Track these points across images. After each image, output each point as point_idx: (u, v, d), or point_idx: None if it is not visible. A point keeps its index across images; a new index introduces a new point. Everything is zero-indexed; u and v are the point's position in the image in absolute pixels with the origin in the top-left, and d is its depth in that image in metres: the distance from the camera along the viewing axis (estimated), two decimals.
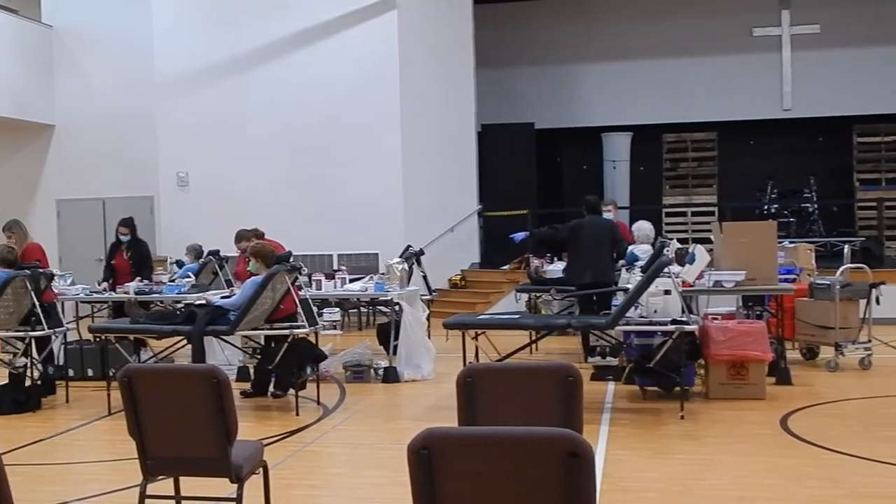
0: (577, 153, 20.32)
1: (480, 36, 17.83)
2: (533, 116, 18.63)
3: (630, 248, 10.32)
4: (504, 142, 17.96)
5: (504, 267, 16.48)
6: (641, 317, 8.03)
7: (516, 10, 19.57)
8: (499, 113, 18.65)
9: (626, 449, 6.90)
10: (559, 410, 3.97)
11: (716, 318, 9.23)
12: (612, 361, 9.24)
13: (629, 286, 9.06)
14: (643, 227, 11.38)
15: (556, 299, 11.87)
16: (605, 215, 11.66)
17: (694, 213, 19.17)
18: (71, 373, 9.94)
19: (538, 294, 12.85)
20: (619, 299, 8.55)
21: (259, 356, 9.19)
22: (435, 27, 16.98)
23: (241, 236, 10.56)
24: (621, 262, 10.01)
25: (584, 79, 19.74)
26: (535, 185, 17.98)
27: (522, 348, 8.55)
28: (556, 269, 12.35)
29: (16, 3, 19.31)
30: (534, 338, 9.19)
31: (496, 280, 16.43)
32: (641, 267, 9.32)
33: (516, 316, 9.30)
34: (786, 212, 17.80)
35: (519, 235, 11.18)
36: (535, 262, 13.23)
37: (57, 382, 9.49)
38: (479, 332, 8.25)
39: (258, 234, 10.38)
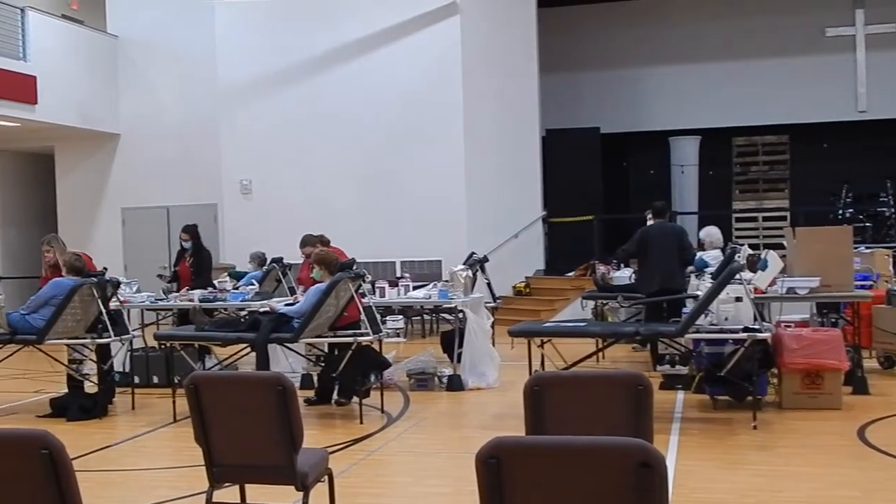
0: (643, 158, 20.16)
1: (544, 40, 17.79)
2: (598, 121, 18.54)
3: (699, 254, 10.19)
4: (569, 147, 17.89)
5: (569, 273, 16.41)
6: (712, 324, 7.91)
7: (581, 13, 19.50)
8: (563, 117, 18.59)
9: (697, 459, 6.81)
10: (629, 420, 3.93)
11: (789, 326, 9.08)
12: (682, 370, 9.12)
13: (699, 293, 8.97)
14: (712, 233, 11.26)
15: (623, 307, 11.76)
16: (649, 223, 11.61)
17: (765, 218, 18.91)
18: (136, 380, 10.10)
19: (605, 301, 12.76)
20: (689, 307, 8.44)
21: (323, 364, 9.24)
22: (498, 32, 16.98)
23: (306, 241, 10.60)
24: (690, 268, 9.89)
25: (651, 82, 19.59)
26: (600, 190, 17.88)
27: (589, 356, 8.48)
28: (622, 275, 12.25)
29: (82, 13, 19.76)
30: (601, 346, 9.10)
31: (561, 287, 16.36)
32: (711, 273, 9.21)
33: (583, 323, 9.24)
34: (861, 216, 17.44)
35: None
36: (601, 268, 13.13)
37: (121, 389, 9.66)
38: (545, 339, 8.20)
39: (324, 241, 10.41)
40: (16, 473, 3.09)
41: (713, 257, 10.53)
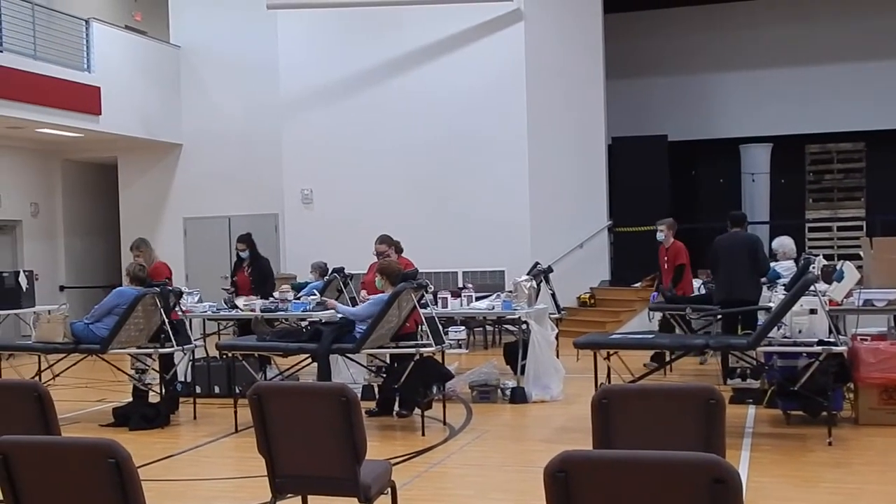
0: (712, 166, 19.94)
1: (611, 46, 17.70)
2: (666, 128, 18.38)
3: (771, 264, 10.05)
4: (635, 154, 17.76)
5: (636, 284, 16.28)
6: (785, 337, 7.80)
7: (648, 18, 19.37)
8: (630, 125, 18.46)
9: (770, 476, 6.70)
10: (700, 435, 3.89)
11: (865, 339, 8.90)
12: (753, 384, 9.00)
13: (771, 305, 8.84)
14: (785, 243, 11.10)
15: (692, 318, 11.63)
16: (659, 236, 11.54)
17: (840, 228, 18.58)
18: (198, 389, 10.24)
19: (673, 313, 12.62)
20: (762, 319, 8.33)
21: (384, 375, 9.27)
22: (563, 38, 16.94)
23: (383, 240, 10.31)
24: (763, 279, 9.76)
25: (720, 88, 19.38)
26: (668, 199, 17.70)
27: (657, 369, 8.42)
28: None
29: (145, 24, 20.14)
30: (669, 358, 9.01)
31: (627, 298, 16.24)
32: (784, 284, 9.07)
33: (650, 335, 9.15)
34: None
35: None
36: None
37: (183, 399, 9.79)
38: (611, 351, 8.15)
39: (398, 248, 10.40)
40: (83, 482, 3.15)
41: (786, 268, 10.38)
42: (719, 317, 10.27)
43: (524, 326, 10.14)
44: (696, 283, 12.08)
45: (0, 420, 4.81)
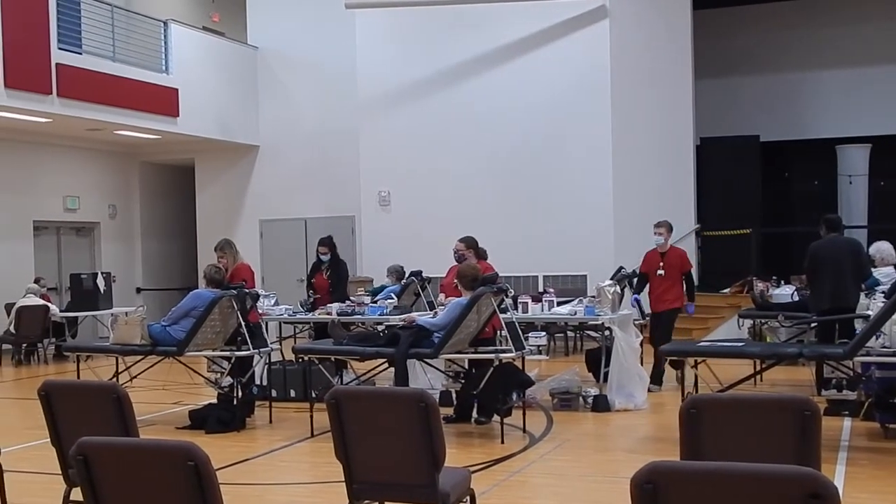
0: (807, 167, 19.59)
1: (700, 43, 17.49)
2: (758, 128, 18.11)
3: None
4: (725, 156, 17.54)
5: (725, 290, 16.06)
6: (884, 346, 7.61)
7: (739, 14, 19.08)
8: (720, 125, 18.23)
9: (867, 492, 6.55)
10: (793, 447, 3.82)
11: None
12: (850, 395, 8.80)
13: (869, 313, 8.64)
14: (884, 249, 10.85)
15: (784, 326, 11.43)
16: (656, 239, 11.19)
17: None
18: (274, 393, 10.36)
19: (764, 320, 12.43)
20: (860, 327, 8.16)
21: (463, 381, 9.28)
22: (650, 35, 16.78)
23: (463, 240, 10.27)
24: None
25: (815, 87, 19.02)
26: (759, 202, 17.46)
27: (747, 378, 8.28)
28: (783, 293, 11.94)
29: (222, 25, 20.49)
30: (759, 367, 8.86)
31: (716, 305, 16.02)
32: (884, 292, 8.87)
33: (740, 343, 9.01)
34: None
35: None
36: (759, 285, 12.82)
37: (259, 403, 9.93)
38: (699, 360, 8.04)
39: (482, 254, 10.39)
40: (162, 484, 3.21)
41: (885, 275, 10.14)
42: (813, 325, 10.07)
43: (607, 333, 10.07)
44: (789, 289, 11.86)
45: (79, 421, 4.93)
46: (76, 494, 4.51)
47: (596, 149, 16.12)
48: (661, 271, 11.14)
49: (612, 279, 11.35)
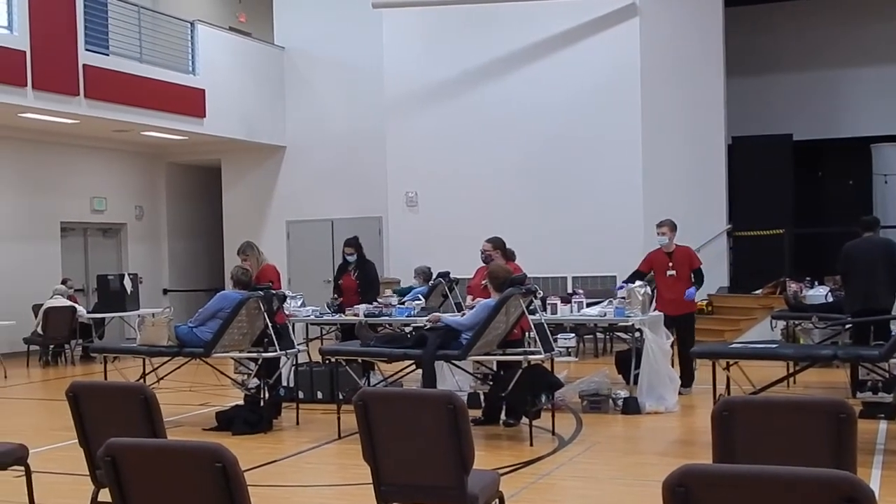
0: (841, 167, 19.40)
1: (732, 41, 17.39)
2: (790, 127, 17.96)
3: None
4: (757, 155, 17.42)
5: (757, 291, 15.96)
6: None
7: (772, 11, 18.95)
8: (752, 124, 18.11)
9: None
10: (828, 450, 3.80)
11: None
12: (885, 398, 8.73)
13: None
14: None
15: (817, 328, 11.34)
16: (660, 239, 11.06)
17: None
18: (301, 395, 10.40)
19: (797, 322, 12.34)
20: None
21: (491, 383, 9.27)
22: (681, 33, 16.71)
23: (496, 242, 10.13)
24: None
25: (850, 85, 18.85)
26: (791, 202, 17.32)
27: (780, 381, 8.23)
28: (816, 294, 11.85)
29: (249, 25, 20.59)
30: (793, 370, 8.80)
31: (748, 306, 15.93)
32: None
33: (773, 345, 8.95)
34: None
35: None
36: (792, 286, 12.72)
37: (286, 404, 9.96)
38: (731, 362, 8.00)
39: (511, 255, 10.36)
40: (190, 485, 3.23)
41: None
42: (847, 326, 9.99)
43: (637, 334, 10.03)
44: (823, 290, 11.76)
45: (107, 422, 4.97)
46: (104, 495, 4.53)
47: (626, 148, 16.06)
48: (671, 272, 10.94)
49: (642, 280, 11.29)
